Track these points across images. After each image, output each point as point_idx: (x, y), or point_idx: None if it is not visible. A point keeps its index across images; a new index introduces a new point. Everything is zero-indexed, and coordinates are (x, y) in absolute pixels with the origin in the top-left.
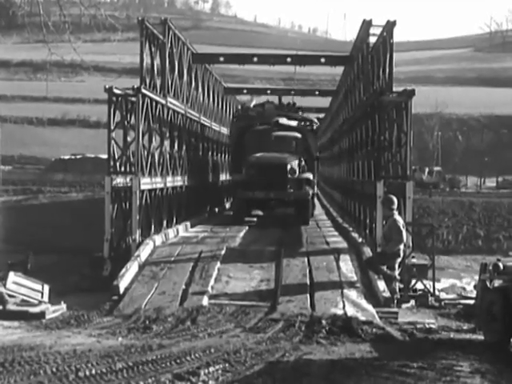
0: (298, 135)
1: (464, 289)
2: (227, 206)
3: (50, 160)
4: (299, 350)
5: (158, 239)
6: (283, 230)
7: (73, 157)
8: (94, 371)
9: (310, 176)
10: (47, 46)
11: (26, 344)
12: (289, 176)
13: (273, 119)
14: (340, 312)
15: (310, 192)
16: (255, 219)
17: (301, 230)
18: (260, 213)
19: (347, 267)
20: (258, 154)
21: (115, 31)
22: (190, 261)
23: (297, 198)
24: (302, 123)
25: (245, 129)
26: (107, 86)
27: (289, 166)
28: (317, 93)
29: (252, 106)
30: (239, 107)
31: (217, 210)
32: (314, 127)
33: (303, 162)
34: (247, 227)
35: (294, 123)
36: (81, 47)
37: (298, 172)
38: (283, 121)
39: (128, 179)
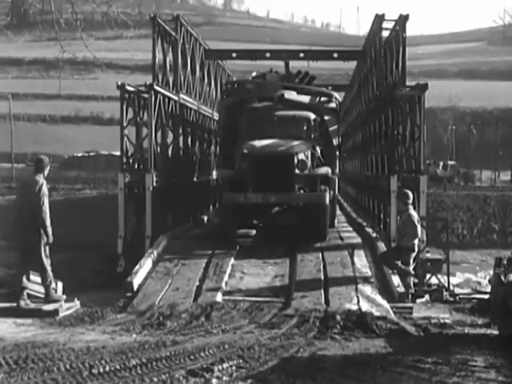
0: (312, 115)
1: (479, 283)
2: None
3: (63, 157)
4: (313, 346)
5: (172, 235)
6: (291, 253)
7: (86, 154)
8: (107, 368)
9: (328, 171)
10: (59, 43)
11: (39, 341)
12: (297, 172)
13: (276, 93)
14: (354, 307)
15: (327, 194)
16: (253, 233)
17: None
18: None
19: (361, 262)
20: (254, 142)
21: (127, 28)
22: (203, 257)
23: (308, 202)
24: (318, 98)
25: (237, 107)
26: (120, 83)
27: (297, 158)
28: (330, 88)
29: (251, 77)
30: (231, 78)
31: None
32: (335, 104)
33: (318, 153)
34: (237, 249)
35: (305, 98)
36: (93, 44)
37: (310, 166)
38: (290, 95)
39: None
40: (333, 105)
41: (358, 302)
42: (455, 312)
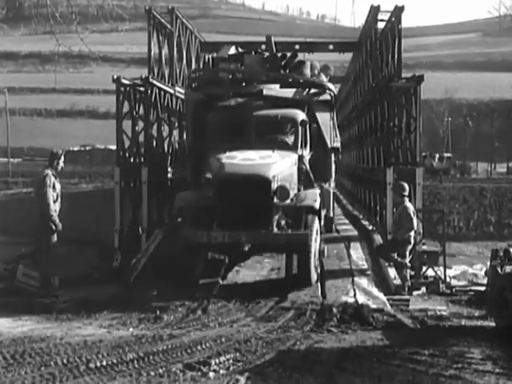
0: (299, 114)
1: (475, 275)
2: None
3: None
4: (310, 339)
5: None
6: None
7: (82, 148)
8: (104, 362)
9: (316, 197)
10: (55, 37)
11: (36, 335)
12: (275, 201)
13: (254, 86)
14: (351, 300)
15: (314, 230)
16: (219, 283)
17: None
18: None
19: (358, 255)
20: (223, 158)
21: (123, 21)
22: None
23: (289, 242)
24: (306, 91)
25: (207, 104)
26: (115, 77)
27: (276, 184)
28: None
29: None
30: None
31: None
32: (329, 97)
33: (307, 164)
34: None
35: (289, 92)
36: (88, 38)
37: (295, 189)
38: (271, 91)
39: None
40: (326, 97)
41: (355, 294)
42: (452, 304)
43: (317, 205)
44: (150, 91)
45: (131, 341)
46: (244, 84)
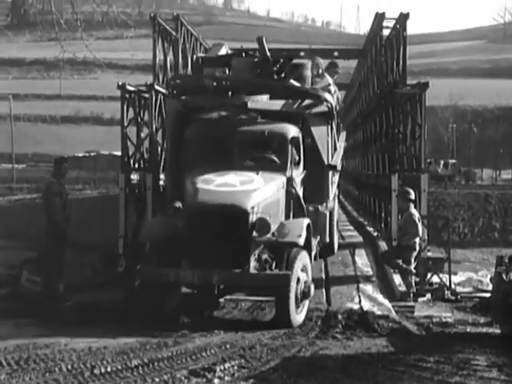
0: (290, 129)
1: (480, 282)
2: None
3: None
4: (315, 345)
5: None
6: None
7: (87, 154)
8: (109, 368)
9: (303, 224)
10: (60, 43)
11: (40, 341)
12: (254, 236)
13: (241, 95)
14: (356, 306)
15: (295, 269)
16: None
17: None
18: None
19: (363, 261)
20: (199, 183)
21: (127, 28)
22: None
23: (267, 284)
24: (298, 103)
25: (186, 116)
26: (120, 83)
27: (254, 215)
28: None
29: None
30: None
31: None
32: (326, 108)
33: (297, 187)
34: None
35: (277, 105)
36: (93, 44)
37: (281, 217)
38: (257, 103)
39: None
40: (322, 109)
41: (360, 301)
42: (457, 311)
43: (301, 240)
44: (154, 98)
45: (136, 347)
46: (230, 93)
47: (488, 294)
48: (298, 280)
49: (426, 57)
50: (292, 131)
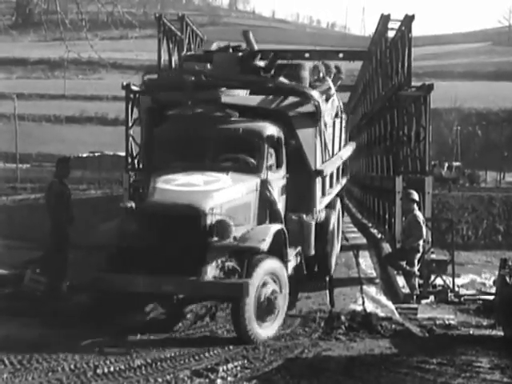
0: (268, 128)
1: (484, 284)
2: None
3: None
4: (318, 346)
5: None
6: None
7: (91, 154)
8: (112, 368)
9: (270, 230)
10: (64, 43)
11: (43, 341)
12: (214, 240)
13: (218, 90)
14: (359, 308)
15: (263, 271)
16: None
17: None
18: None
19: (366, 263)
20: (159, 183)
21: (132, 28)
22: None
23: (221, 294)
24: (280, 99)
25: (159, 114)
26: (125, 83)
27: (213, 217)
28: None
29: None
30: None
31: None
32: (313, 108)
33: (271, 193)
34: None
35: (254, 100)
36: (98, 44)
37: (251, 223)
38: (232, 98)
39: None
40: (308, 108)
41: (363, 302)
42: (460, 313)
43: (263, 245)
44: None
45: (139, 347)
46: (208, 89)
47: (491, 297)
48: (261, 290)
49: (430, 59)
50: (270, 130)
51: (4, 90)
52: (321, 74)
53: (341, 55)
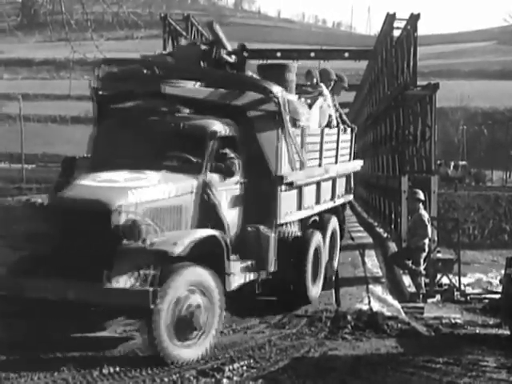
0: (213, 124)
1: (490, 283)
2: None
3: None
4: (324, 346)
5: None
6: None
7: None
8: (118, 368)
9: (192, 236)
10: (70, 44)
11: (49, 340)
12: (124, 242)
13: (159, 82)
14: (365, 307)
15: (183, 281)
16: None
17: None
18: None
19: (372, 262)
20: (80, 178)
21: (138, 28)
22: None
23: (124, 302)
24: (238, 95)
25: (106, 108)
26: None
27: (123, 216)
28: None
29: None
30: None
31: None
32: (274, 106)
33: (213, 196)
34: None
35: (202, 92)
36: (103, 45)
37: (181, 228)
38: (174, 89)
39: None
40: (269, 107)
41: (369, 302)
42: (466, 312)
43: (176, 250)
44: None
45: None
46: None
47: (497, 296)
48: (180, 303)
49: (436, 58)
50: (217, 127)
51: (9, 91)
52: (314, 80)
53: (346, 54)
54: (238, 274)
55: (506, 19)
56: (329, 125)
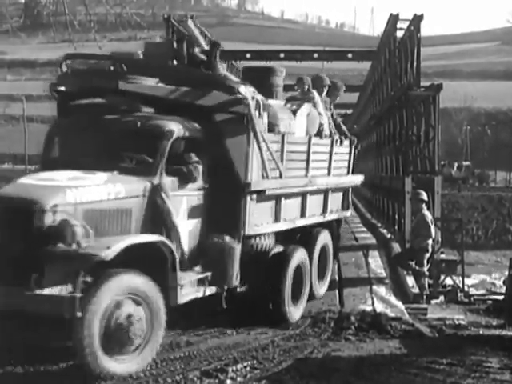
0: (171, 125)
1: (494, 284)
2: None
3: None
4: (327, 347)
5: None
6: None
7: None
8: None
9: (138, 238)
10: (73, 45)
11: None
12: (58, 245)
13: (116, 78)
14: (369, 308)
15: (113, 291)
16: None
17: None
18: None
19: (376, 263)
20: (23, 177)
21: (141, 29)
22: None
23: (47, 311)
24: (202, 94)
25: (68, 103)
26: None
27: (54, 217)
28: (344, 88)
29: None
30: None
31: None
32: (242, 109)
33: (166, 201)
34: None
35: (161, 90)
36: (107, 46)
37: (123, 233)
38: (132, 85)
39: None
40: (238, 109)
41: (373, 302)
42: (470, 313)
43: (110, 254)
44: None
45: None
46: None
47: (501, 297)
48: (110, 312)
49: (439, 59)
50: (174, 127)
51: (13, 92)
52: (306, 87)
53: (350, 55)
54: (191, 287)
55: (510, 20)
56: (319, 134)
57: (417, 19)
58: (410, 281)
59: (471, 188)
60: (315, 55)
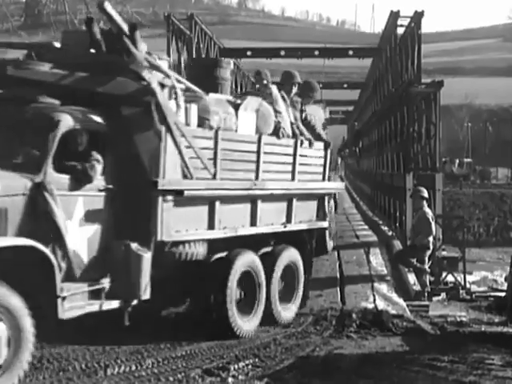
0: (61, 116)
1: (495, 281)
2: None
3: None
4: (329, 345)
5: None
6: None
7: None
8: (123, 368)
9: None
10: None
11: (54, 340)
12: None
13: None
14: (370, 306)
15: None
16: None
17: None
18: None
19: (377, 261)
20: None
21: (142, 27)
22: None
23: None
24: (104, 81)
25: None
26: None
27: None
28: (345, 86)
29: None
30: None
31: None
32: (153, 98)
33: (49, 201)
34: None
35: (54, 75)
36: None
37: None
38: (22, 71)
39: None
40: (146, 98)
41: (374, 300)
42: (472, 310)
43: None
44: None
45: (150, 346)
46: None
47: (503, 294)
48: None
49: (440, 55)
50: (63, 117)
51: None
52: (264, 82)
53: (351, 53)
54: (81, 301)
55: (511, 16)
56: (276, 133)
57: (417, 16)
58: (412, 278)
59: (472, 185)
60: (316, 52)
